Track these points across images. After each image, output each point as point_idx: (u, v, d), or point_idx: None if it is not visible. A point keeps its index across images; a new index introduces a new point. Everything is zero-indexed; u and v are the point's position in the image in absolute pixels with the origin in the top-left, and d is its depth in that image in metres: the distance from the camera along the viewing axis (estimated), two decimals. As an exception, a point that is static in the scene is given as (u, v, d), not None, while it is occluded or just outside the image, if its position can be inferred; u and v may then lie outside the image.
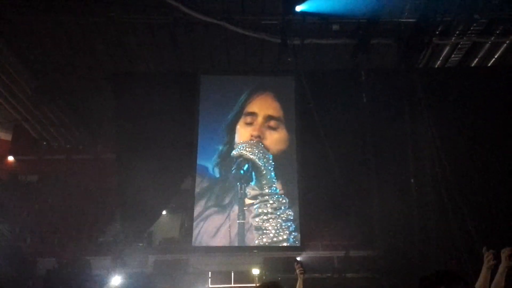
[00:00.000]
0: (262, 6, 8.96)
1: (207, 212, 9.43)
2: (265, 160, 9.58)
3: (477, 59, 9.98)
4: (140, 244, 10.39)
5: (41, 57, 10.14)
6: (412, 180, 8.76)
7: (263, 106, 10.14)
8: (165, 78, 10.45)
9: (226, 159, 9.78)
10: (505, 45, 9.54)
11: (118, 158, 10.31)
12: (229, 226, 9.24)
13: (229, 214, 9.39)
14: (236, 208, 9.38)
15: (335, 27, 9.15)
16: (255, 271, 8.98)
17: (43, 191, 12.64)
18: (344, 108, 9.60)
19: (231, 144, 9.87)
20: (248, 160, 9.56)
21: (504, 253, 3.10)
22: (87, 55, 10.22)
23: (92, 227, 11.53)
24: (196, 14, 8.77)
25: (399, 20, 9.05)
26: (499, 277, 3.08)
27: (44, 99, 11.44)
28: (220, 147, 9.91)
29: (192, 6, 8.66)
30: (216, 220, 9.37)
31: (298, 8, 8.47)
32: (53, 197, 12.19)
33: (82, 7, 8.83)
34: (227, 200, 9.50)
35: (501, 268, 3.10)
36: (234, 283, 9.36)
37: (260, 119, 9.99)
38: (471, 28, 9.00)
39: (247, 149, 9.67)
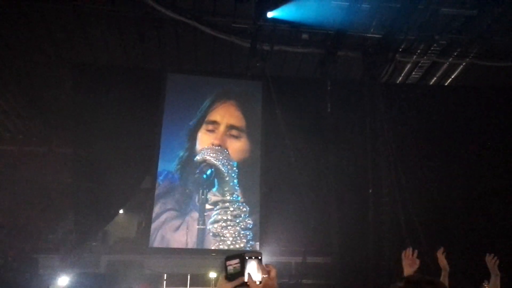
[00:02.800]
0: (234, 9, 8.94)
1: (166, 216, 9.27)
2: (229, 167, 9.56)
3: (435, 78, 10.51)
4: (94, 244, 10.04)
5: (-4, 42, 9.56)
6: (370, 191, 9.08)
7: (225, 115, 10.09)
8: (129, 73, 10.18)
9: (186, 166, 9.65)
10: (461, 66, 10.11)
11: (75, 153, 9.91)
12: (188, 231, 9.14)
13: (188, 219, 9.27)
14: (196, 214, 9.28)
15: (304, 36, 9.30)
16: (212, 275, 8.94)
17: (-10, 183, 11.89)
18: (309, 117, 9.79)
19: (191, 151, 9.75)
20: (211, 166, 9.50)
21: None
22: (47, 43, 9.73)
23: (42, 223, 11.01)
24: (166, 11, 8.61)
25: (366, 35, 9.35)
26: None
27: (-3, 86, 10.79)
28: (181, 153, 9.77)
29: (162, 2, 8.49)
30: (175, 224, 9.23)
31: (270, 15, 8.53)
32: (0, 190, 11.51)
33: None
34: (187, 205, 9.38)
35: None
36: (190, 286, 9.28)
37: (222, 127, 9.94)
38: (431, 48, 9.47)
39: (211, 154, 9.60)
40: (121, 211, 11.06)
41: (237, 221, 9.29)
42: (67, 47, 9.94)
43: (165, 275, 9.35)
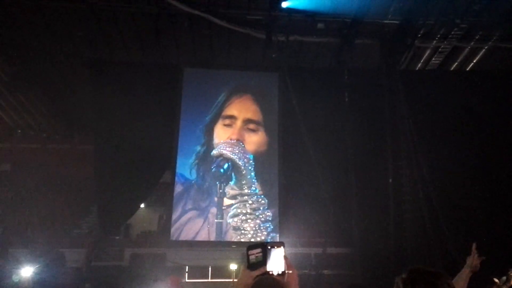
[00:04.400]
0: (248, 1, 8.87)
1: (187, 217, 9.33)
2: (245, 160, 9.54)
3: (456, 63, 10.20)
4: (117, 237, 10.26)
5: (18, 43, 9.78)
6: (390, 180, 8.93)
7: (242, 109, 10.07)
8: (146, 69, 10.26)
9: (203, 160, 9.68)
10: (483, 50, 9.78)
11: (96, 149, 10.08)
12: (208, 226, 9.20)
13: (207, 215, 9.32)
14: (214, 208, 9.32)
15: (320, 25, 9.16)
16: (233, 267, 9.00)
17: (16, 180, 12.28)
18: (326, 107, 9.66)
19: (208, 145, 9.77)
20: (228, 159, 9.49)
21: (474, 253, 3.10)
22: (66, 42, 9.92)
23: (67, 219, 11.30)
24: (180, 5, 8.63)
25: (383, 21, 9.14)
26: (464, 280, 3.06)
27: (21, 86, 11.08)
28: (198, 148, 9.80)
29: (177, -4, 8.52)
30: (194, 222, 9.29)
31: (284, 4, 8.45)
32: (26, 187, 11.87)
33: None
34: (205, 201, 9.41)
35: (465, 270, 3.09)
36: (211, 278, 9.38)
37: (239, 122, 9.92)
38: (452, 33, 9.19)
39: (227, 148, 9.60)
40: (142, 205, 11.24)
41: (257, 214, 9.29)
42: (86, 45, 10.08)
43: (187, 267, 9.47)
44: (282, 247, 1.66)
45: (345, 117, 9.69)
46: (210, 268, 9.46)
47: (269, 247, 1.64)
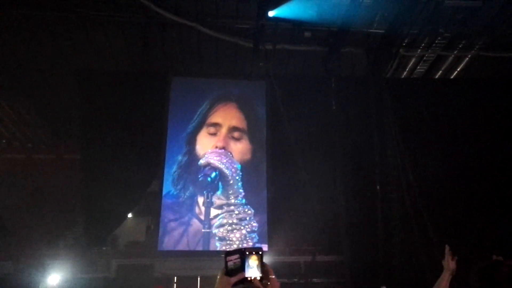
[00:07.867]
0: (236, 10, 8.95)
1: (172, 226, 9.24)
2: (233, 170, 9.51)
3: (440, 71, 10.37)
4: (104, 248, 10.10)
5: (3, 52, 9.68)
6: (378, 187, 8.99)
7: (227, 117, 10.05)
8: (134, 78, 10.24)
9: (185, 170, 9.60)
10: (467, 59, 9.96)
11: (82, 159, 9.98)
12: (194, 236, 9.12)
13: (192, 225, 9.23)
14: (199, 219, 9.24)
15: (307, 34, 9.26)
16: (222, 276, 8.90)
17: (1, 191, 12.04)
18: (314, 115, 9.74)
19: (191, 155, 9.71)
20: (215, 169, 9.44)
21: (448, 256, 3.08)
22: (52, 51, 9.83)
23: (52, 230, 11.10)
24: (168, 15, 8.67)
25: (369, 30, 9.26)
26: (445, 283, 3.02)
27: (5, 95, 10.94)
28: (179, 158, 9.73)
29: (165, 6, 8.55)
30: (181, 232, 9.19)
31: (271, 14, 8.53)
32: (11, 197, 11.66)
33: (48, 2, 8.52)
34: (189, 212, 9.34)
35: (444, 275, 3.05)
36: (200, 288, 9.29)
37: (224, 130, 9.88)
38: (436, 42, 9.35)
39: (215, 157, 9.56)
40: (129, 215, 11.12)
41: (243, 224, 9.23)
42: (72, 54, 10.03)
43: (175, 277, 9.36)
44: (260, 252, 1.66)
45: (333, 124, 9.77)
46: (199, 278, 9.36)
47: (247, 253, 1.64)
